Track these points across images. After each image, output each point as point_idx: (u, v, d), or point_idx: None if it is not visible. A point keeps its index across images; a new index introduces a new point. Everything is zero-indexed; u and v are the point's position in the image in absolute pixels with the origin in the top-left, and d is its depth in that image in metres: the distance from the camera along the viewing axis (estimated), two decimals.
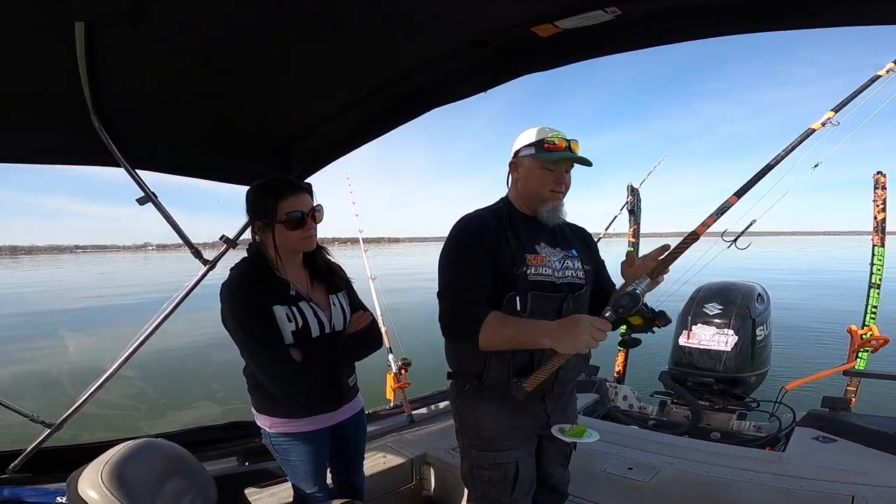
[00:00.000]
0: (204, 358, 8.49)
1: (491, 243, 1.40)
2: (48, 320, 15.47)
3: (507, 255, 1.39)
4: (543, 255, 1.45)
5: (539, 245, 1.47)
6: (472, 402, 1.48)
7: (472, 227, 1.44)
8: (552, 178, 1.45)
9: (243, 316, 1.43)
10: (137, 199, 1.91)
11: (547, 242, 1.49)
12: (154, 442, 1.38)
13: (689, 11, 1.22)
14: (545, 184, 1.45)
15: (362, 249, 3.87)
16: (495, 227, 1.43)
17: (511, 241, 1.42)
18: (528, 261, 1.41)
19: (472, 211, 1.52)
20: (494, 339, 1.29)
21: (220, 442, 2.37)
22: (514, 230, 1.45)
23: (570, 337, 1.18)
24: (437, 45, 1.47)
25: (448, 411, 3.14)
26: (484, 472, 1.47)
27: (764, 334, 3.69)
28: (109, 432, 4.88)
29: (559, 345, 1.20)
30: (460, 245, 1.42)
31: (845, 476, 2.12)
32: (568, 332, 1.19)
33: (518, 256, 1.40)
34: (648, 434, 2.94)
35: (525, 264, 1.40)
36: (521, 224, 1.48)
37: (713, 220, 1.40)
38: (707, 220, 1.40)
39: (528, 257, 1.41)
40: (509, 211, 1.50)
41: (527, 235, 1.47)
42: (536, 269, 1.41)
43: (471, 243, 1.40)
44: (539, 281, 1.41)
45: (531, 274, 1.40)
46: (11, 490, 1.44)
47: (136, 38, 1.26)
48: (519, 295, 1.37)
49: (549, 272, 1.43)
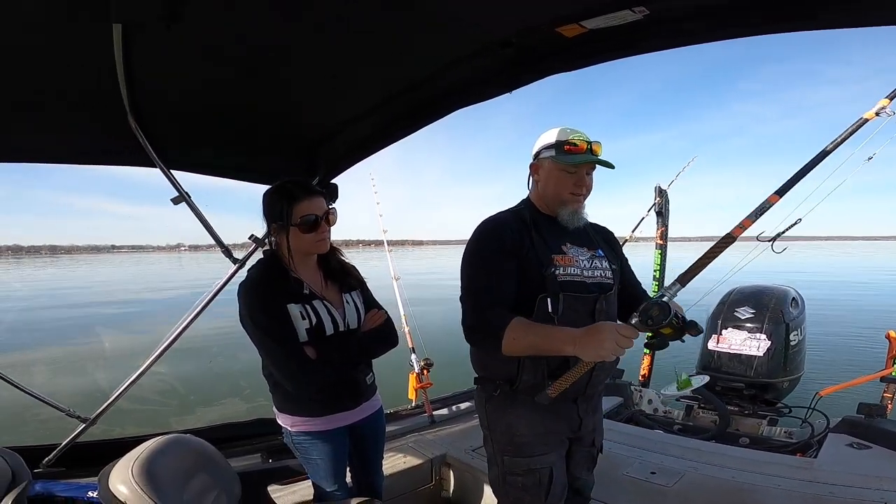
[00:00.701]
0: (232, 355, 8.65)
1: (513, 246, 1.38)
2: (86, 317, 16.01)
3: (534, 257, 1.37)
4: (571, 255, 1.42)
5: (565, 245, 1.44)
6: (504, 408, 1.44)
7: (494, 231, 1.42)
8: (572, 180, 1.43)
9: (259, 314, 1.46)
10: (172, 199, 1.97)
11: (573, 243, 1.47)
12: (182, 438, 1.41)
13: (720, 10, 1.18)
14: (565, 186, 1.43)
15: (386, 249, 3.89)
16: (518, 230, 1.41)
17: (536, 242, 1.40)
18: (555, 261, 1.38)
19: (493, 213, 1.50)
20: (517, 346, 1.27)
21: (245, 439, 2.41)
22: (539, 231, 1.43)
23: (595, 345, 1.16)
24: (462, 47, 1.47)
25: (469, 412, 3.14)
26: (517, 478, 1.43)
27: (798, 339, 3.58)
28: (140, 427, 5.03)
29: (583, 352, 1.18)
30: (481, 249, 1.41)
31: (879, 483, 2.05)
32: (592, 340, 1.16)
33: (545, 257, 1.38)
34: (673, 438, 2.89)
35: (553, 265, 1.37)
36: (544, 225, 1.46)
37: (751, 221, 1.28)
38: (744, 222, 1.28)
39: (555, 258, 1.39)
40: (532, 212, 1.48)
41: (552, 236, 1.44)
42: (565, 269, 1.39)
43: (492, 247, 1.38)
44: (569, 281, 1.38)
45: (560, 275, 1.37)
46: (44, 484, 1.48)
47: (170, 41, 1.30)
48: (550, 296, 1.34)
49: (577, 272, 1.41)
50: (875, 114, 1.33)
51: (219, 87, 1.63)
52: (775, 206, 1.29)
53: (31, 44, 1.25)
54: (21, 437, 5.08)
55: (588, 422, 1.51)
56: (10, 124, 1.65)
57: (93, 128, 1.77)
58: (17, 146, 1.80)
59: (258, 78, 1.59)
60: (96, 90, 1.51)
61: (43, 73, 1.39)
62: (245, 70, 1.53)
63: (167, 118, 1.77)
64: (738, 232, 1.27)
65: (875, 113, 1.33)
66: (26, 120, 1.65)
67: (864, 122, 1.34)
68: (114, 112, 1.60)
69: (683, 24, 1.26)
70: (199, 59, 1.43)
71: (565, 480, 1.50)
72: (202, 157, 2.11)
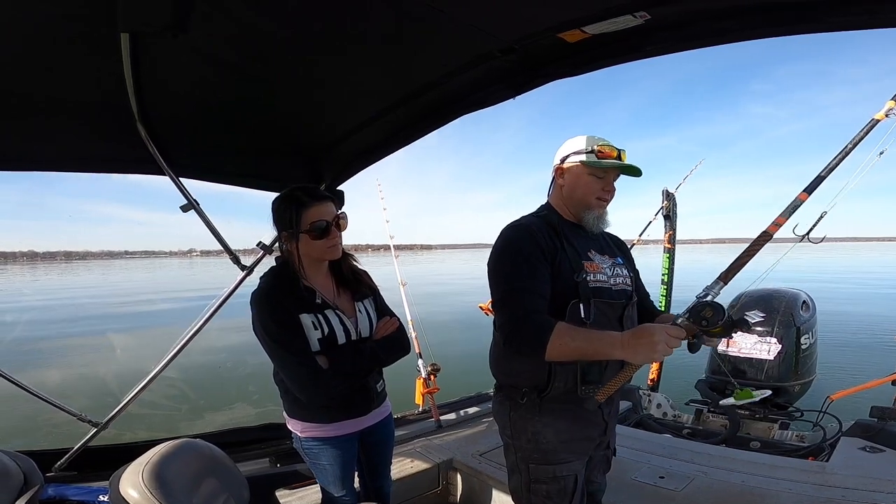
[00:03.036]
0: (241, 360, 8.71)
1: (548, 249, 1.37)
2: (97, 322, 16.17)
3: (566, 262, 1.37)
4: (597, 262, 1.43)
5: (591, 252, 1.45)
6: (531, 416, 1.41)
7: (527, 233, 1.39)
8: (601, 185, 1.44)
9: (271, 324, 1.47)
10: (181, 206, 2.00)
11: (596, 250, 1.47)
12: (192, 442, 1.43)
13: (722, 14, 1.19)
14: (593, 191, 1.44)
15: (393, 255, 3.91)
16: (549, 234, 1.41)
17: (567, 247, 1.40)
18: (586, 267, 1.38)
19: (517, 219, 1.49)
20: (564, 351, 1.24)
21: (254, 443, 2.42)
22: (567, 237, 1.43)
23: (645, 347, 1.14)
24: (465, 53, 1.48)
25: (476, 417, 3.14)
26: (542, 486, 1.41)
27: (809, 343, 3.55)
28: (151, 432, 5.07)
29: (633, 355, 1.16)
30: (517, 251, 1.37)
31: (892, 487, 2.03)
32: (642, 342, 1.15)
33: (577, 263, 1.38)
34: (682, 443, 2.86)
35: (584, 271, 1.37)
36: (570, 231, 1.46)
37: (784, 218, 1.39)
38: (778, 220, 1.39)
39: (585, 264, 1.39)
40: (557, 217, 1.48)
41: (579, 242, 1.45)
42: (594, 275, 1.39)
43: (528, 250, 1.36)
44: (599, 287, 1.38)
45: (591, 280, 1.37)
46: (56, 488, 1.50)
47: (178, 50, 1.32)
48: (582, 302, 1.34)
49: (604, 279, 1.41)
50: (885, 115, 1.46)
51: (226, 96, 1.65)
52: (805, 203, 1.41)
53: (39, 53, 1.27)
54: (34, 442, 5.14)
55: (612, 424, 1.52)
56: (20, 133, 1.68)
57: (102, 136, 1.79)
58: (26, 155, 1.81)
59: (264, 86, 1.60)
60: (105, 99, 1.53)
61: (51, 81, 1.41)
62: (251, 78, 1.54)
63: (176, 126, 1.79)
64: (774, 229, 1.38)
65: (885, 114, 1.46)
66: (35, 128, 1.67)
67: (875, 123, 1.46)
68: (123, 120, 1.63)
69: (685, 28, 1.26)
70: (207, 67, 1.45)
71: (584, 485, 1.50)
72: (210, 164, 2.13)
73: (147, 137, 1.73)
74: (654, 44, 1.34)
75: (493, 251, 1.42)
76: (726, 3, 1.15)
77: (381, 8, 1.23)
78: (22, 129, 1.65)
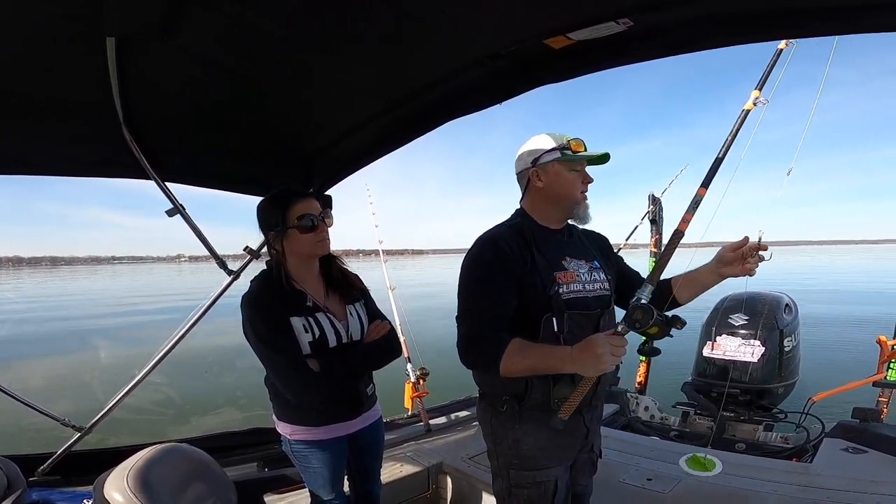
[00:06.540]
0: (228, 365, 8.64)
1: (514, 264, 1.34)
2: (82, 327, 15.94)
3: (537, 276, 1.35)
4: (571, 271, 1.41)
5: (565, 259, 1.42)
6: (511, 423, 1.41)
7: (492, 249, 1.37)
8: (580, 177, 1.45)
9: (262, 328, 1.46)
10: (167, 210, 1.98)
11: (572, 255, 1.45)
12: (178, 447, 1.42)
13: (702, 21, 1.21)
14: (576, 185, 1.44)
15: (381, 260, 3.91)
16: (518, 246, 1.37)
17: (538, 260, 1.37)
18: (558, 279, 1.36)
19: (489, 229, 1.46)
20: (515, 368, 1.27)
21: (242, 447, 2.41)
22: (539, 247, 1.40)
23: (592, 359, 1.16)
24: (453, 59, 1.49)
25: (465, 421, 3.14)
26: (523, 490, 1.42)
27: (792, 345, 3.60)
28: (136, 437, 5.00)
29: (583, 369, 1.18)
30: (477, 266, 1.38)
31: (874, 487, 2.06)
32: (588, 355, 1.16)
33: (548, 276, 1.36)
34: (669, 445, 2.90)
35: (556, 283, 1.35)
36: (543, 239, 1.43)
37: (690, 214, 1.49)
38: (686, 216, 1.49)
39: (557, 276, 1.37)
40: (530, 224, 1.45)
41: (551, 250, 1.42)
42: (568, 286, 1.37)
43: (490, 267, 1.35)
44: (573, 299, 1.37)
45: (564, 293, 1.36)
46: (40, 493, 1.48)
47: (164, 53, 1.32)
48: (555, 316, 1.33)
49: (579, 287, 1.40)
50: (753, 104, 1.57)
51: (213, 99, 1.65)
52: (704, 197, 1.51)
53: (24, 55, 1.26)
54: (16, 446, 5.04)
55: (595, 429, 1.52)
56: (3, 135, 1.66)
57: (87, 139, 1.78)
58: (10, 158, 1.79)
59: (252, 90, 1.60)
60: (90, 102, 1.52)
61: (36, 84, 1.40)
62: (239, 82, 1.54)
63: (162, 130, 1.78)
64: (684, 227, 1.49)
65: (752, 104, 1.57)
66: (19, 131, 1.65)
67: (747, 113, 1.57)
68: (108, 124, 1.62)
69: (668, 35, 1.28)
70: (194, 70, 1.45)
71: (569, 488, 1.50)
72: (196, 168, 2.12)
73: (132, 141, 1.72)
74: (637, 50, 1.37)
75: (462, 265, 1.42)
76: (706, 10, 1.17)
77: (370, 15, 1.24)
78: (3, 131, 1.63)
